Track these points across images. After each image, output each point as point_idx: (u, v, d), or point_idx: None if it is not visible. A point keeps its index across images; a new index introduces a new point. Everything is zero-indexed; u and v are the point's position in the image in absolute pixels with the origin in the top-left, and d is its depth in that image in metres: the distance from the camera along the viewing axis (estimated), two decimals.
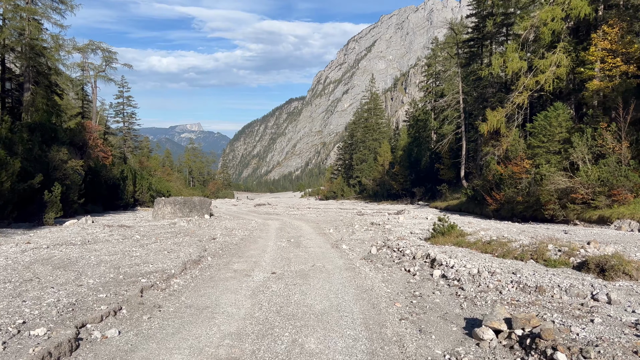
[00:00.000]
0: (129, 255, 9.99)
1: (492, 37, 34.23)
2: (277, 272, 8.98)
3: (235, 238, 14.00)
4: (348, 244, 12.87)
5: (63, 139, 22.34)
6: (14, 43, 27.39)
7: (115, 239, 12.33)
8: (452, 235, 10.89)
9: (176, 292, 7.34)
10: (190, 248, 11.31)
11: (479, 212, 27.87)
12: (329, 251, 11.68)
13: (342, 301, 6.83)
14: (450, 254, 9.19)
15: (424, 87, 58.15)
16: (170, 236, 13.29)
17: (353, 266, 9.54)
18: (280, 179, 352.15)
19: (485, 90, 33.64)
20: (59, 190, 17.88)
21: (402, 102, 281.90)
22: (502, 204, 25.49)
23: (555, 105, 24.13)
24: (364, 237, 14.42)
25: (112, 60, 32.06)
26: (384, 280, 8.29)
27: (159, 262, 9.23)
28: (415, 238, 12.81)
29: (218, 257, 10.73)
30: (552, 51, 26.56)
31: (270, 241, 13.61)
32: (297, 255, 10.93)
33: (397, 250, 10.68)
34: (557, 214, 20.40)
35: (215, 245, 12.38)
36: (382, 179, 56.00)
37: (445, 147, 37.15)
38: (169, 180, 68.00)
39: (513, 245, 8.93)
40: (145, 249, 10.88)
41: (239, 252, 11.55)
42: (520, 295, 6.64)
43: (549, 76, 25.85)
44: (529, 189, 23.33)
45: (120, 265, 8.84)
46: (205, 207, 22.08)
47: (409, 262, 9.42)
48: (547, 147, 23.91)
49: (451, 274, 7.97)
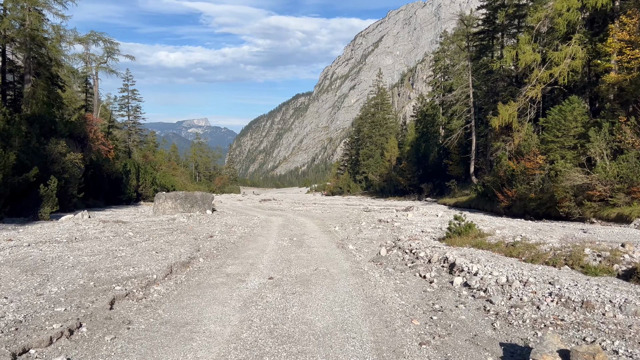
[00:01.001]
0: (112, 256, 9.20)
1: (503, 29, 33.24)
2: (275, 277, 8.15)
3: (234, 236, 13.25)
4: (355, 244, 12.09)
5: (62, 131, 21.78)
6: (15, 34, 26.84)
7: (106, 236, 11.67)
8: (469, 235, 9.95)
9: (154, 303, 6.43)
10: (183, 247, 10.52)
11: (490, 209, 27.04)
12: (334, 252, 10.84)
13: (349, 316, 5.88)
14: (471, 257, 8.25)
15: (433, 81, 57.20)
16: (165, 233, 12.63)
17: (361, 270, 8.69)
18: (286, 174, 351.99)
19: (496, 83, 32.72)
20: (55, 184, 17.30)
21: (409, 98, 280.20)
22: (513, 200, 24.66)
23: (571, 99, 23.21)
24: (372, 235, 13.58)
25: (113, 51, 31.44)
26: (396, 289, 7.37)
27: (143, 265, 8.39)
28: (428, 238, 11.87)
29: (211, 258, 9.91)
30: (566, 43, 25.60)
31: (271, 240, 12.88)
32: (299, 257, 10.10)
33: (409, 252, 9.76)
34: (572, 212, 19.56)
35: (211, 244, 11.60)
36: (389, 174, 55.20)
37: (454, 142, 36.28)
38: (174, 174, 67.60)
39: (542, 248, 7.98)
40: (133, 248, 10.13)
41: (236, 252, 10.75)
42: (564, 312, 5.59)
43: (563, 69, 24.91)
44: (542, 185, 22.49)
45: (98, 269, 7.97)
46: (207, 202, 21.45)
47: (424, 267, 8.50)
48: (561, 142, 23.03)
49: (475, 282, 6.96)
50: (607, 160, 19.47)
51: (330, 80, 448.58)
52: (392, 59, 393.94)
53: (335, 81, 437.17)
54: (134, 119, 60.11)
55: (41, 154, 20.60)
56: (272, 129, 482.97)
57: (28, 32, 26.52)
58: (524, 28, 31.43)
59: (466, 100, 36.23)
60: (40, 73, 27.41)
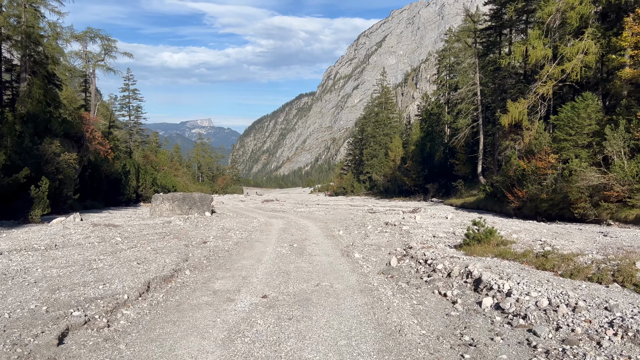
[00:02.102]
0: (87, 268, 8.10)
1: (512, 25, 32.33)
2: (270, 294, 7.05)
3: (229, 242, 12.30)
4: (361, 251, 11.13)
5: (57, 130, 21.06)
6: (10, 31, 26.17)
7: (91, 242, 10.78)
8: (490, 242, 8.89)
9: (117, 334, 5.23)
10: (169, 256, 9.52)
11: (499, 210, 26.17)
12: (338, 261, 9.90)
13: (358, 354, 4.74)
14: (498, 271, 7.13)
15: (437, 79, 56.31)
16: (156, 238, 11.76)
17: (370, 286, 7.59)
18: (289, 174, 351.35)
19: (504, 81, 31.81)
20: (46, 186, 16.57)
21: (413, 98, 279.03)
22: (524, 201, 23.79)
23: (584, 96, 22.31)
24: (379, 241, 12.62)
25: (111, 49, 30.68)
26: (414, 312, 6.23)
27: (117, 280, 7.28)
28: (443, 245, 10.79)
29: (200, 269, 8.90)
30: (579, 38, 24.69)
31: (269, 246, 11.91)
32: (299, 268, 9.13)
33: (424, 262, 8.70)
34: (587, 213, 18.67)
35: (203, 251, 10.59)
36: (394, 174, 54.31)
37: (461, 141, 35.37)
38: (176, 175, 66.99)
39: (581, 261, 6.93)
40: (115, 258, 9.15)
41: (229, 261, 9.78)
42: (635, 351, 4.39)
43: (576, 64, 24.01)
44: (555, 185, 21.61)
45: (62, 286, 6.76)
46: (206, 203, 20.67)
47: (443, 282, 7.40)
48: (574, 140, 22.14)
49: (510, 305, 5.81)
50: (624, 159, 18.57)
51: (334, 80, 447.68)
52: (395, 59, 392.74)
53: (339, 81, 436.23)
54: (136, 119, 59.45)
55: (34, 154, 19.88)
56: (275, 129, 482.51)
57: (24, 29, 25.82)
58: (533, 23, 30.52)
59: (473, 98, 35.32)
60: (36, 71, 26.70)
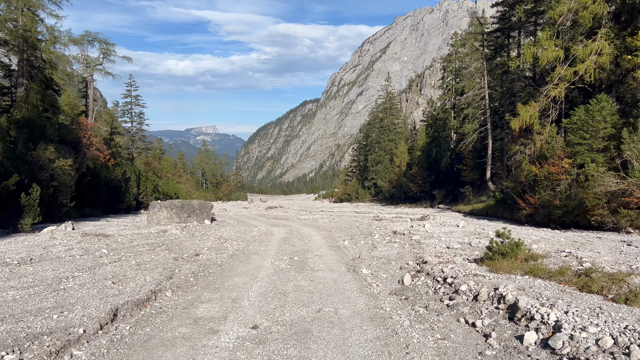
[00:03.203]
0: (52, 289, 6.95)
1: (520, 26, 31.51)
2: (262, 324, 5.93)
3: (224, 254, 11.27)
4: (369, 265, 10.07)
5: (52, 136, 20.37)
6: (7, 35, 25.62)
7: (72, 255, 9.88)
8: (518, 257, 7.76)
9: None
10: (152, 273, 8.46)
11: (509, 217, 25.22)
12: (343, 278, 8.87)
13: None
14: (535, 294, 5.94)
15: (443, 84, 55.54)
16: (145, 250, 10.87)
17: (382, 312, 6.44)
18: (294, 181, 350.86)
19: (513, 84, 30.95)
20: (37, 193, 15.82)
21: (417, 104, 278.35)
22: (536, 208, 22.84)
23: (599, 98, 21.42)
24: (389, 253, 11.57)
25: (109, 52, 30.02)
26: (439, 351, 5.02)
27: (80, 305, 6.12)
28: (461, 259, 9.49)
29: (184, 289, 7.76)
30: (591, 38, 23.84)
31: (267, 259, 10.86)
32: (299, 287, 8.05)
33: (442, 280, 7.54)
34: (605, 221, 17.73)
35: (192, 266, 9.54)
36: (399, 180, 53.40)
37: (469, 146, 34.47)
38: (179, 182, 66.36)
39: (635, 282, 5.84)
40: (89, 275, 8.07)
41: (219, 278, 8.73)
42: None
43: (589, 65, 23.13)
44: (569, 191, 20.66)
45: (9, 315, 5.64)
46: (205, 211, 19.86)
47: (469, 307, 6.23)
48: (589, 144, 21.23)
49: (562, 343, 4.55)
50: None
51: (338, 86, 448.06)
52: (399, 65, 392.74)
53: (343, 88, 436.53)
54: (138, 125, 58.89)
55: (28, 160, 19.18)
56: (279, 136, 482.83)
57: (21, 34, 25.25)
58: (542, 25, 29.69)
59: (481, 102, 34.47)
60: (34, 76, 26.11)
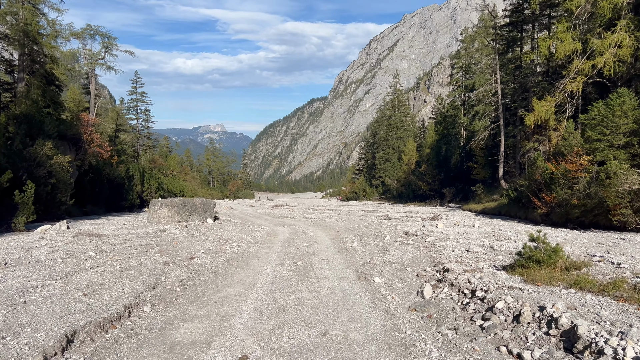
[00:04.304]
0: (9, 303, 5.82)
1: (535, 19, 30.48)
2: (254, 354, 4.80)
3: (221, 258, 10.21)
4: (381, 272, 8.94)
5: (50, 131, 19.75)
6: (8, 29, 25.06)
7: (54, 258, 8.98)
8: (557, 265, 6.50)
9: None
10: (134, 281, 7.33)
11: (523, 217, 24.29)
12: (353, 288, 7.67)
13: None
14: (591, 315, 4.76)
15: (453, 80, 54.53)
16: (136, 253, 10.04)
17: (402, 337, 5.31)
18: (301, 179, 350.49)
19: (527, 79, 29.94)
20: (32, 190, 15.18)
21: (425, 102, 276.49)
22: (552, 207, 21.90)
23: (619, 92, 20.43)
24: (402, 257, 10.43)
25: (111, 46, 29.33)
26: None
27: (30, 328, 4.94)
28: (486, 266, 8.09)
29: (166, 303, 6.59)
30: (610, 30, 22.82)
31: (267, 264, 9.80)
32: (301, 300, 6.89)
33: (470, 293, 6.24)
34: (628, 221, 16.78)
35: (182, 272, 8.47)
36: (407, 178, 52.48)
37: (480, 143, 33.52)
38: (185, 179, 65.91)
39: None
40: (62, 283, 6.90)
41: (210, 288, 7.57)
42: None
43: (608, 58, 22.13)
44: (588, 189, 19.71)
45: None
46: (208, 209, 19.15)
47: (509, 331, 5.05)
48: (609, 140, 20.26)
49: None
50: None
51: (345, 84, 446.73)
52: (407, 63, 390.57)
53: (350, 86, 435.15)
54: (144, 122, 58.41)
55: (25, 156, 18.57)
56: (287, 134, 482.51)
57: (21, 27, 24.67)
58: (557, 18, 28.65)
59: (493, 98, 33.48)
60: (35, 71, 25.54)
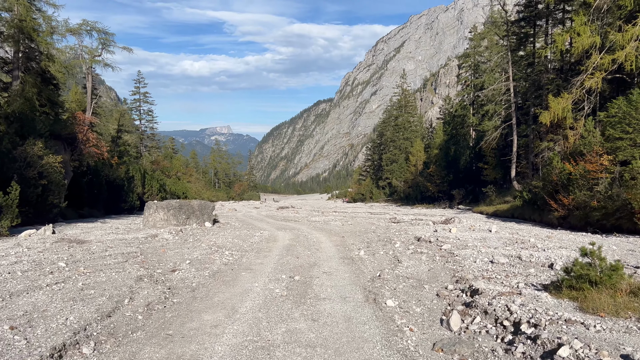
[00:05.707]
0: None
1: (549, 14, 29.28)
2: None
3: (207, 271, 8.87)
4: (394, 291, 7.45)
5: (41, 130, 18.85)
6: (2, 25, 24.27)
7: (12, 271, 7.76)
8: (618, 288, 5.20)
9: None
10: (88, 306, 6.02)
11: (539, 220, 23.10)
12: (360, 315, 6.16)
13: None
14: None
15: (461, 79, 53.34)
16: (112, 264, 8.89)
17: None
18: (307, 180, 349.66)
19: (540, 76, 28.73)
20: (16, 192, 14.25)
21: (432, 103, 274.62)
22: (570, 209, 20.70)
23: None
24: (418, 270, 9.00)
25: (109, 43, 28.47)
26: None
27: None
28: (522, 283, 6.82)
29: (117, 339, 5.17)
30: (632, 22, 21.61)
31: (259, 279, 8.39)
32: (293, 335, 5.43)
33: (513, 326, 4.96)
34: None
35: (154, 292, 7.12)
36: (415, 180, 51.28)
37: (491, 143, 32.33)
38: (189, 181, 65.10)
39: None
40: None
41: (181, 316, 6.15)
42: None
43: (629, 52, 20.92)
44: (610, 191, 18.53)
45: None
46: (206, 212, 18.15)
47: None
48: (632, 138, 19.04)
49: None
50: None
51: (352, 86, 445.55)
52: (414, 64, 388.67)
53: (357, 87, 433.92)
54: (148, 123, 57.63)
55: (14, 156, 17.68)
56: (293, 135, 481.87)
57: (16, 24, 23.85)
58: (572, 12, 27.43)
59: (504, 97, 32.29)
60: (30, 68, 24.70)
